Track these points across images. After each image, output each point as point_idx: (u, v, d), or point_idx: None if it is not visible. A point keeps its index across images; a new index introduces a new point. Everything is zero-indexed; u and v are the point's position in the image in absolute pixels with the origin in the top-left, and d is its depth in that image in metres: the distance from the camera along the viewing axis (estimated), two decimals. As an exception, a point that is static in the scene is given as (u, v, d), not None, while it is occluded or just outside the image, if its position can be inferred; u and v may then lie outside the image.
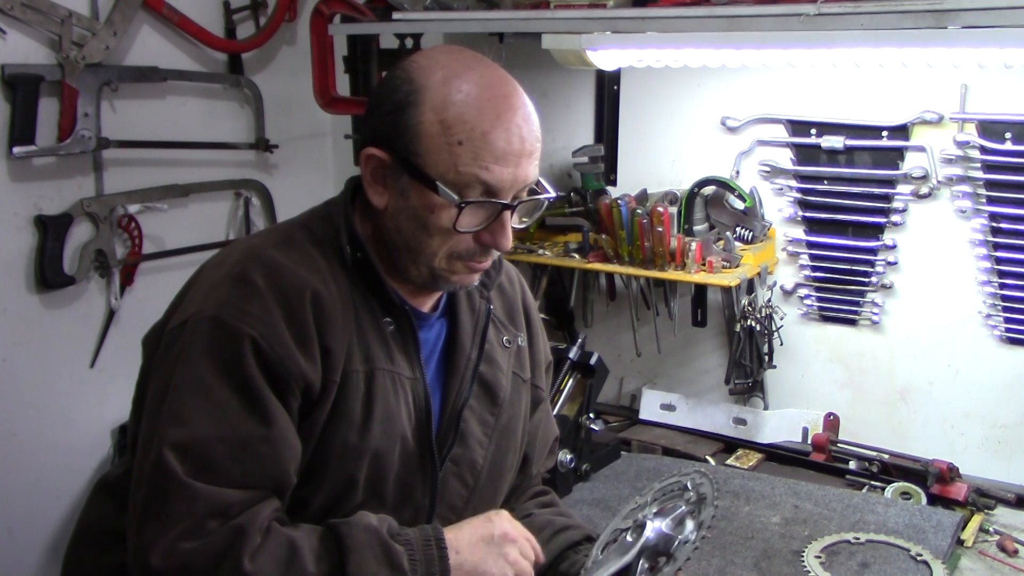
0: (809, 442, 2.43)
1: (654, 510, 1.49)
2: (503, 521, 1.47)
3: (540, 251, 2.59)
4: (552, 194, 1.50)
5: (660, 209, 2.36)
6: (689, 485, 1.50)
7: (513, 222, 1.44)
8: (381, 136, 1.41)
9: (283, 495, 1.36)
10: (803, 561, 1.81)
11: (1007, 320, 2.26)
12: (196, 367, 1.32)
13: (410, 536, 1.37)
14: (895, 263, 2.38)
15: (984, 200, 2.23)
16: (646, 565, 1.42)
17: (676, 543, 1.41)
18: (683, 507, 1.46)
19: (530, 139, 1.40)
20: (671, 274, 2.40)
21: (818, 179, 2.42)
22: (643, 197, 2.56)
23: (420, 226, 1.41)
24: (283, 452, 1.33)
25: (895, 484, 2.18)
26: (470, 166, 1.36)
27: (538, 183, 1.47)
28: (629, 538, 1.46)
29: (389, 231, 1.46)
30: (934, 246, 2.33)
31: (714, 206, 2.52)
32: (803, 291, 2.51)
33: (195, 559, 1.24)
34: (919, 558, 1.82)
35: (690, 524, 1.43)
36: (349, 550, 1.31)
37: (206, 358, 1.32)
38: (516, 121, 1.38)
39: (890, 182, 2.34)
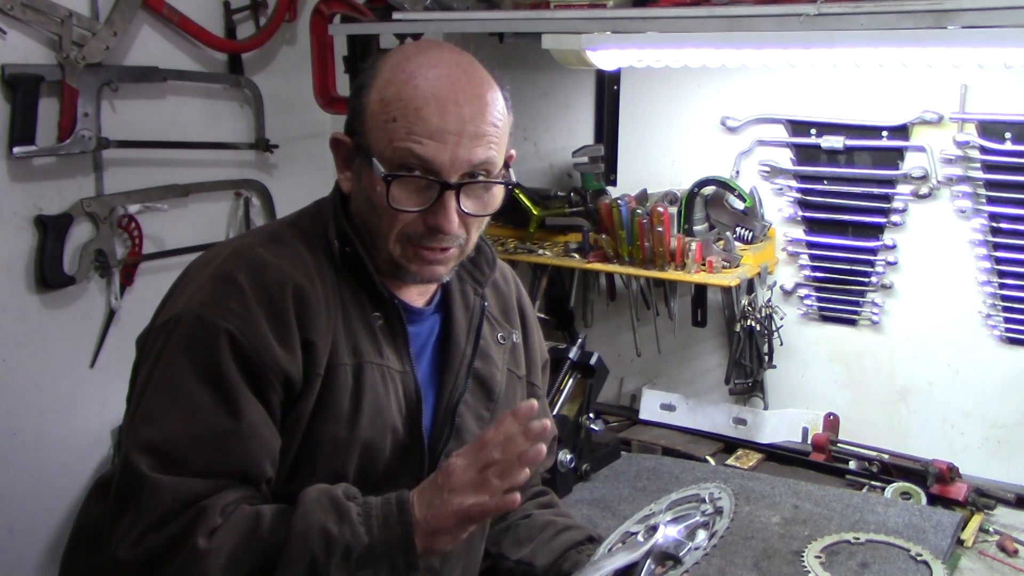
0: (809, 442, 2.43)
1: (668, 518, 1.49)
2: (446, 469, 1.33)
3: (540, 251, 2.58)
4: (506, 182, 1.45)
5: (660, 209, 2.36)
6: (707, 498, 1.50)
7: (467, 208, 1.41)
8: (347, 122, 1.45)
9: (256, 487, 1.35)
10: (803, 561, 1.81)
11: (1007, 320, 2.26)
12: (173, 365, 1.33)
13: (370, 499, 1.34)
14: (895, 263, 2.38)
15: (984, 200, 2.23)
16: (653, 566, 1.42)
17: (687, 549, 1.41)
18: (698, 518, 1.47)
19: (475, 121, 1.37)
20: (671, 274, 2.40)
21: (818, 179, 2.42)
22: (643, 197, 2.55)
23: (371, 207, 1.43)
24: (253, 446, 1.33)
25: (895, 484, 2.18)
26: (403, 141, 1.36)
27: (506, 171, 1.45)
28: (640, 538, 1.46)
29: (356, 218, 1.47)
30: (934, 246, 2.33)
31: (714, 206, 2.51)
32: (803, 291, 2.50)
33: (158, 545, 1.26)
34: (919, 558, 1.82)
35: (702, 534, 1.44)
36: (299, 503, 1.30)
37: (183, 356, 1.33)
38: (456, 100, 1.37)
39: (890, 182, 2.34)
